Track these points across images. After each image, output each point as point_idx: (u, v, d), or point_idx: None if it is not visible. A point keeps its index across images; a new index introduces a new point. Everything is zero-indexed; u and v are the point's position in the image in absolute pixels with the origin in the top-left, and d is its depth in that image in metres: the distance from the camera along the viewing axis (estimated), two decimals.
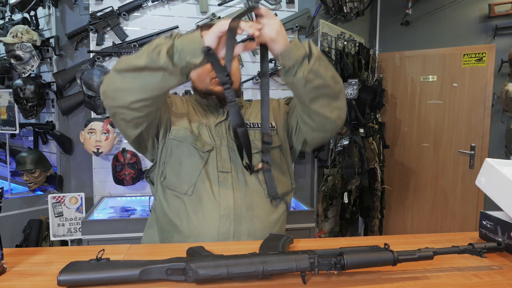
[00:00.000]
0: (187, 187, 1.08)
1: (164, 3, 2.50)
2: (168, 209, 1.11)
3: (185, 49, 0.90)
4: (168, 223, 1.12)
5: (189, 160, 1.10)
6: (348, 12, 3.04)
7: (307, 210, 2.32)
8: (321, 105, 1.03)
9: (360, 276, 0.78)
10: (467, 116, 3.42)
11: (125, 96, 0.96)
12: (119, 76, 0.96)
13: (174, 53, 0.91)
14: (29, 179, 2.54)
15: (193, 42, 0.90)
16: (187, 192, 1.08)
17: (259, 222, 1.09)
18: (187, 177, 1.09)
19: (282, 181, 1.16)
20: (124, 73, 0.95)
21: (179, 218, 1.09)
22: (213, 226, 1.05)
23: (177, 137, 1.12)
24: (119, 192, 2.54)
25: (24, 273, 0.78)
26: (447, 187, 3.56)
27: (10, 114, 2.65)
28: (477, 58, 3.32)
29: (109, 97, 0.98)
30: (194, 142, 1.11)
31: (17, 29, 2.43)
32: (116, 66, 0.97)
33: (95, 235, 2.01)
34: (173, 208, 1.10)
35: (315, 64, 0.95)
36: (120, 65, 0.96)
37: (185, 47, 0.90)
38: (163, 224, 1.14)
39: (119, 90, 0.96)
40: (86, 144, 2.40)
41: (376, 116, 3.50)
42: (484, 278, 0.78)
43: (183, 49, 0.90)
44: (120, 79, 0.95)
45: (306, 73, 0.95)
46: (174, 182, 1.11)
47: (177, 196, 1.10)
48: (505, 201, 0.91)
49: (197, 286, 0.73)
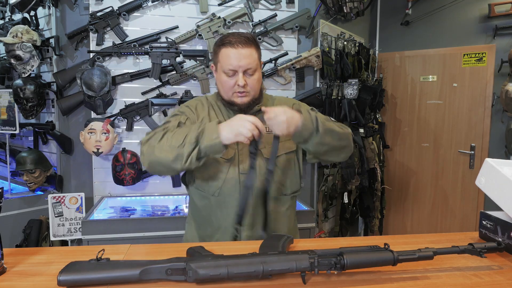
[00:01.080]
0: (214, 189, 1.26)
1: (164, 3, 2.50)
2: (200, 207, 1.31)
3: (209, 151, 1.10)
4: (202, 218, 1.32)
5: (215, 168, 1.26)
6: (348, 12, 3.04)
7: (307, 210, 2.32)
8: (330, 156, 1.24)
9: (360, 276, 0.78)
10: (467, 116, 3.42)
11: (163, 173, 1.24)
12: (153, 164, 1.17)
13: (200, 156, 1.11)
14: (29, 179, 2.54)
15: (214, 147, 1.08)
16: (214, 193, 1.26)
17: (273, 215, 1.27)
18: (214, 181, 1.26)
19: (293, 181, 1.33)
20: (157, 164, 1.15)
21: (209, 214, 1.29)
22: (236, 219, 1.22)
23: None
24: (119, 192, 2.54)
25: (24, 273, 0.78)
26: (447, 187, 3.56)
27: (10, 114, 2.65)
28: (477, 58, 3.32)
29: (153, 169, 1.19)
30: None
31: (17, 29, 2.43)
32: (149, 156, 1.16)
33: (95, 235, 2.00)
34: (204, 206, 1.30)
35: (322, 137, 1.14)
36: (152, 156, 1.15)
37: (208, 150, 1.09)
38: (197, 218, 1.35)
39: (158, 172, 1.21)
40: (86, 144, 2.40)
41: (376, 116, 3.50)
42: (484, 278, 0.78)
43: (206, 151, 1.10)
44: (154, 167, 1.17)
45: (315, 145, 1.15)
46: (203, 185, 1.28)
47: (206, 196, 1.28)
48: (505, 201, 0.91)
49: (197, 286, 0.73)
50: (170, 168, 1.13)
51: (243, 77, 1.22)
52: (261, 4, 2.64)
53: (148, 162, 1.17)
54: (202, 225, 1.33)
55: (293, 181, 1.33)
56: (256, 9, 2.61)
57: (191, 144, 1.08)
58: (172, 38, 2.47)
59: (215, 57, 1.28)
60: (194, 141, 1.08)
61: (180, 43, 2.50)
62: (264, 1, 2.63)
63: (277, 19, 2.63)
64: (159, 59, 2.44)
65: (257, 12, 2.61)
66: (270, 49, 2.65)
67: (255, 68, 1.24)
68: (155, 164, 1.15)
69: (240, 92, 1.23)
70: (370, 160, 3.24)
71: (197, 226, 1.36)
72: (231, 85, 1.23)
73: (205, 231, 1.32)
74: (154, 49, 2.44)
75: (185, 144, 1.09)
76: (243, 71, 1.21)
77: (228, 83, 1.23)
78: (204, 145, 1.08)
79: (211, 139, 1.08)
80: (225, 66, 1.22)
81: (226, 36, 1.26)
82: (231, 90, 1.24)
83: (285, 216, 1.33)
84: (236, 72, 1.21)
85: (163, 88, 2.52)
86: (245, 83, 1.22)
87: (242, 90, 1.23)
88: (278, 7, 2.65)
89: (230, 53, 1.21)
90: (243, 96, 1.24)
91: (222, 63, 1.23)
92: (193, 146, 1.08)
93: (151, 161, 1.16)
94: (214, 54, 1.29)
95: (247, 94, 1.25)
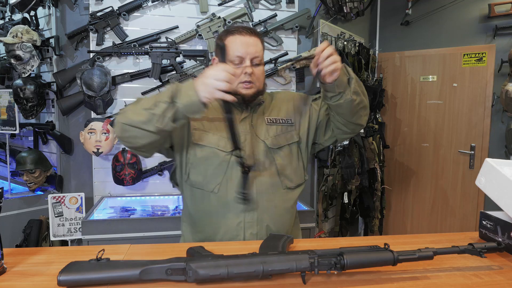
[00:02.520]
0: (213, 185, 1.18)
1: (164, 3, 2.50)
2: (198, 205, 1.23)
3: (188, 111, 1.03)
4: (200, 217, 1.23)
5: (214, 161, 1.19)
6: (348, 12, 3.04)
7: (307, 210, 2.32)
8: (359, 117, 1.21)
9: (360, 276, 0.78)
10: (467, 116, 3.42)
11: (138, 141, 1.08)
12: (125, 127, 1.07)
13: (177, 117, 1.03)
14: (29, 179, 2.54)
15: (193, 105, 1.01)
16: (214, 190, 1.18)
17: (277, 210, 1.22)
18: (213, 177, 1.18)
19: (296, 173, 1.27)
20: (130, 127, 1.06)
21: (209, 212, 1.20)
22: (239, 217, 1.17)
23: (199, 141, 1.20)
24: (119, 192, 2.54)
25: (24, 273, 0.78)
26: (447, 187, 3.56)
27: (10, 114, 2.65)
28: (477, 58, 3.32)
29: (127, 142, 1.11)
30: (217, 144, 1.19)
31: (17, 29, 2.43)
32: (122, 119, 1.08)
33: (95, 235, 2.00)
34: (202, 205, 1.21)
35: (355, 86, 1.13)
36: (125, 119, 1.07)
37: (186, 110, 1.02)
38: (195, 218, 1.25)
39: (132, 137, 1.08)
40: (86, 144, 2.40)
41: (376, 116, 3.50)
42: (484, 278, 0.78)
43: (185, 111, 1.02)
44: (132, 130, 1.06)
45: (351, 94, 1.12)
46: (200, 181, 1.20)
47: (204, 194, 1.20)
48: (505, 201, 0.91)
49: (197, 286, 0.73)
50: (142, 132, 1.05)
51: (250, 66, 1.18)
52: (261, 4, 2.64)
53: (120, 127, 1.08)
54: (201, 227, 1.24)
55: (297, 173, 1.28)
56: (256, 9, 2.61)
57: (165, 103, 1.01)
58: (172, 38, 2.47)
59: (219, 48, 1.24)
60: (169, 100, 1.01)
61: (180, 43, 2.50)
62: (264, 1, 2.63)
63: (277, 19, 2.63)
64: (159, 59, 2.44)
65: (257, 12, 2.61)
66: (270, 49, 2.65)
67: (261, 58, 1.21)
68: (127, 128, 1.06)
69: (246, 83, 1.18)
70: (370, 160, 3.24)
71: (194, 229, 1.27)
72: (238, 75, 1.17)
73: (204, 234, 1.22)
74: (154, 49, 2.44)
75: (159, 103, 1.02)
76: (251, 59, 1.18)
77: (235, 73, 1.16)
78: (183, 104, 1.01)
79: (188, 96, 1.01)
80: (232, 53, 1.17)
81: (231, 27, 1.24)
82: (237, 80, 1.19)
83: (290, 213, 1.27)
84: (243, 60, 1.18)
85: (163, 88, 2.52)
86: (252, 71, 1.18)
87: (249, 80, 1.18)
88: (278, 7, 2.65)
89: (238, 40, 1.18)
90: (249, 88, 1.19)
91: (229, 51, 1.18)
92: (167, 105, 1.01)
93: (123, 125, 1.07)
94: (217, 46, 1.25)
95: (253, 86, 1.20)
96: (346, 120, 1.21)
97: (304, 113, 1.31)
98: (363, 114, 1.22)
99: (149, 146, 1.12)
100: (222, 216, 1.19)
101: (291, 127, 1.28)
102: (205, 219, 1.22)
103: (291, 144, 1.26)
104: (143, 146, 1.10)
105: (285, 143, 1.25)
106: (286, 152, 1.25)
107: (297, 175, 1.28)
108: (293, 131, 1.27)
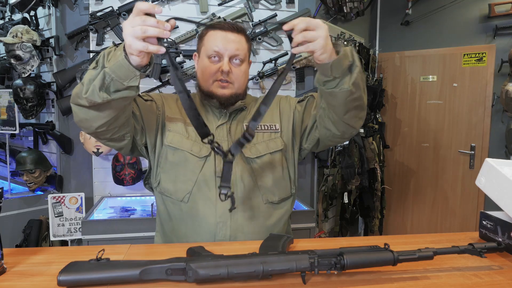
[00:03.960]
0: (183, 194, 1.07)
1: (164, 3, 2.50)
2: (166, 215, 1.11)
3: (116, 75, 0.84)
4: (168, 227, 1.12)
5: (185, 167, 1.07)
6: (348, 12, 3.04)
7: (307, 210, 2.32)
8: (352, 116, 1.01)
9: (360, 276, 0.78)
10: (467, 116, 3.42)
11: (90, 124, 0.95)
12: (76, 108, 0.94)
13: (108, 85, 0.85)
14: (29, 179, 2.54)
15: (121, 68, 0.83)
16: (183, 199, 1.06)
17: (256, 227, 1.08)
18: (183, 184, 1.07)
19: (281, 185, 1.13)
20: (73, 106, 0.94)
21: (177, 223, 1.09)
22: (209, 232, 1.05)
23: (172, 143, 1.09)
24: (119, 192, 2.54)
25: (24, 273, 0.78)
26: (447, 187, 3.56)
27: (10, 114, 2.65)
28: (477, 58, 3.32)
29: (82, 127, 0.99)
30: (190, 148, 1.08)
31: (17, 29, 2.43)
32: (71, 99, 0.95)
33: (95, 235, 2.00)
34: (170, 214, 1.10)
35: (357, 76, 0.92)
36: (72, 99, 0.94)
37: (115, 74, 0.84)
38: (165, 228, 1.14)
39: (83, 121, 0.95)
40: (86, 144, 2.40)
41: (376, 116, 3.50)
42: (484, 278, 0.78)
43: (114, 77, 0.84)
44: (78, 111, 0.94)
45: (350, 84, 0.92)
46: (170, 189, 1.09)
47: (173, 202, 1.09)
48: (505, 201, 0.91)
49: (197, 286, 0.73)
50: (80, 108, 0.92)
51: (228, 63, 1.06)
52: (261, 4, 2.64)
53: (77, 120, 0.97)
54: (169, 239, 1.12)
55: (281, 185, 1.13)
56: (256, 9, 2.61)
57: (93, 69, 0.87)
58: (172, 38, 2.47)
59: (199, 42, 1.14)
60: (98, 66, 0.86)
61: (180, 43, 2.50)
62: (264, 1, 2.63)
63: (277, 19, 2.63)
64: (159, 59, 2.44)
65: (257, 12, 2.61)
66: (270, 49, 2.65)
67: (243, 58, 1.09)
68: (73, 109, 0.95)
69: (222, 81, 1.06)
70: (370, 160, 3.24)
71: (164, 237, 1.15)
72: (213, 72, 1.07)
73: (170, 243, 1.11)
74: None
75: (88, 70, 0.89)
76: (230, 56, 1.07)
77: (210, 68, 1.07)
78: (109, 67, 0.83)
79: (116, 57, 0.83)
80: (210, 48, 1.07)
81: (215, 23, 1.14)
82: (212, 77, 1.07)
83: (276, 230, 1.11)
84: (221, 57, 1.07)
85: (163, 88, 2.52)
86: (229, 69, 1.06)
87: (225, 79, 1.06)
88: (278, 7, 2.65)
89: (217, 34, 1.08)
90: (225, 87, 1.07)
91: (207, 46, 1.08)
92: (96, 71, 0.86)
93: (72, 106, 0.95)
94: (199, 41, 1.15)
95: (230, 86, 1.08)
96: (338, 117, 1.01)
97: (289, 117, 1.18)
98: (358, 115, 1.03)
99: (107, 131, 0.97)
100: (191, 231, 1.06)
101: (275, 133, 1.15)
102: (175, 232, 1.10)
103: (274, 152, 1.12)
104: (99, 129, 0.96)
105: (265, 152, 1.11)
106: (266, 161, 1.11)
107: (281, 188, 1.13)
108: (278, 138, 1.14)
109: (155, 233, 1.22)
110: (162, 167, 1.10)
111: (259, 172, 1.10)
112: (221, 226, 1.04)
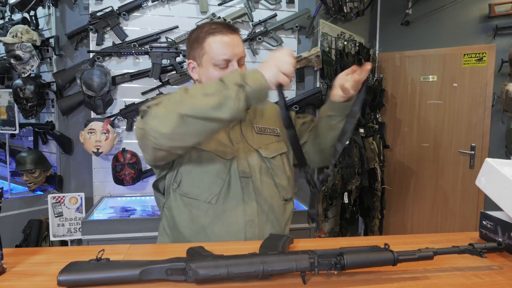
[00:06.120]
0: (211, 195, 1.06)
1: (164, 3, 2.50)
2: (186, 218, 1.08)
3: (255, 97, 0.89)
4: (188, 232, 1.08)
5: (212, 169, 1.07)
6: (348, 12, 3.04)
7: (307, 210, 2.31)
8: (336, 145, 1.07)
9: (360, 276, 0.78)
10: (467, 116, 3.42)
11: (188, 139, 0.92)
12: (187, 120, 0.88)
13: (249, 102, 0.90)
14: (29, 179, 2.54)
15: (261, 91, 0.89)
16: (211, 200, 1.05)
17: (278, 223, 1.14)
18: (211, 186, 1.06)
19: (290, 184, 1.20)
20: (193, 119, 0.88)
21: (202, 226, 1.06)
22: (239, 233, 1.06)
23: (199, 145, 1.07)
24: (119, 192, 2.54)
25: (24, 273, 0.78)
26: (447, 187, 3.56)
27: (10, 114, 2.65)
28: (477, 58, 3.32)
29: (173, 141, 0.92)
30: (216, 149, 1.08)
31: (17, 29, 2.43)
32: (181, 109, 0.88)
33: (95, 235, 2.00)
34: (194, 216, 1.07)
35: None
36: (187, 108, 0.88)
37: (254, 96, 0.89)
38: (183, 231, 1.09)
39: (187, 134, 0.91)
40: (86, 144, 2.40)
41: (376, 116, 3.50)
42: (484, 278, 0.78)
43: (252, 97, 0.89)
44: (187, 123, 0.88)
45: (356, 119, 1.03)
46: (195, 191, 1.07)
47: (198, 204, 1.07)
48: (505, 201, 0.91)
49: (197, 286, 0.73)
50: (207, 123, 0.87)
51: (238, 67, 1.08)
52: (261, 4, 2.64)
53: (178, 120, 0.87)
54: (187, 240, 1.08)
55: (290, 184, 1.19)
56: (256, 9, 2.61)
57: (237, 85, 0.86)
58: (172, 38, 2.47)
59: (197, 50, 1.10)
60: (241, 82, 0.87)
61: (180, 43, 2.50)
62: (264, 1, 2.63)
63: (277, 19, 2.63)
64: (159, 59, 2.44)
65: (257, 12, 2.61)
66: (270, 49, 2.65)
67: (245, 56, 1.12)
68: (188, 121, 0.87)
69: None
70: (370, 160, 3.24)
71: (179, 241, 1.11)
72: None
73: None
74: (154, 49, 2.44)
75: (229, 85, 0.87)
76: (237, 60, 1.08)
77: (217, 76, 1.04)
78: (252, 88, 0.87)
79: (257, 79, 0.88)
80: (218, 56, 1.06)
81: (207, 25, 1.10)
82: None
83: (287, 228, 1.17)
84: (229, 63, 1.07)
85: (163, 88, 2.52)
86: None
87: None
88: (278, 7, 2.65)
89: (220, 40, 1.06)
90: None
91: (213, 54, 1.06)
92: (238, 87, 0.86)
93: (185, 117, 0.87)
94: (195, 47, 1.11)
95: None
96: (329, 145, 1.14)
97: None
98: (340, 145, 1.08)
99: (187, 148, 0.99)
100: (222, 231, 1.06)
101: (278, 137, 1.20)
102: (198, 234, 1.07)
103: (282, 154, 1.18)
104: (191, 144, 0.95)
105: (277, 153, 1.16)
106: (279, 162, 1.16)
107: (291, 186, 1.19)
108: (281, 141, 1.19)
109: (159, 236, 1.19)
110: (184, 169, 1.08)
111: (275, 171, 1.15)
112: (251, 225, 1.07)
